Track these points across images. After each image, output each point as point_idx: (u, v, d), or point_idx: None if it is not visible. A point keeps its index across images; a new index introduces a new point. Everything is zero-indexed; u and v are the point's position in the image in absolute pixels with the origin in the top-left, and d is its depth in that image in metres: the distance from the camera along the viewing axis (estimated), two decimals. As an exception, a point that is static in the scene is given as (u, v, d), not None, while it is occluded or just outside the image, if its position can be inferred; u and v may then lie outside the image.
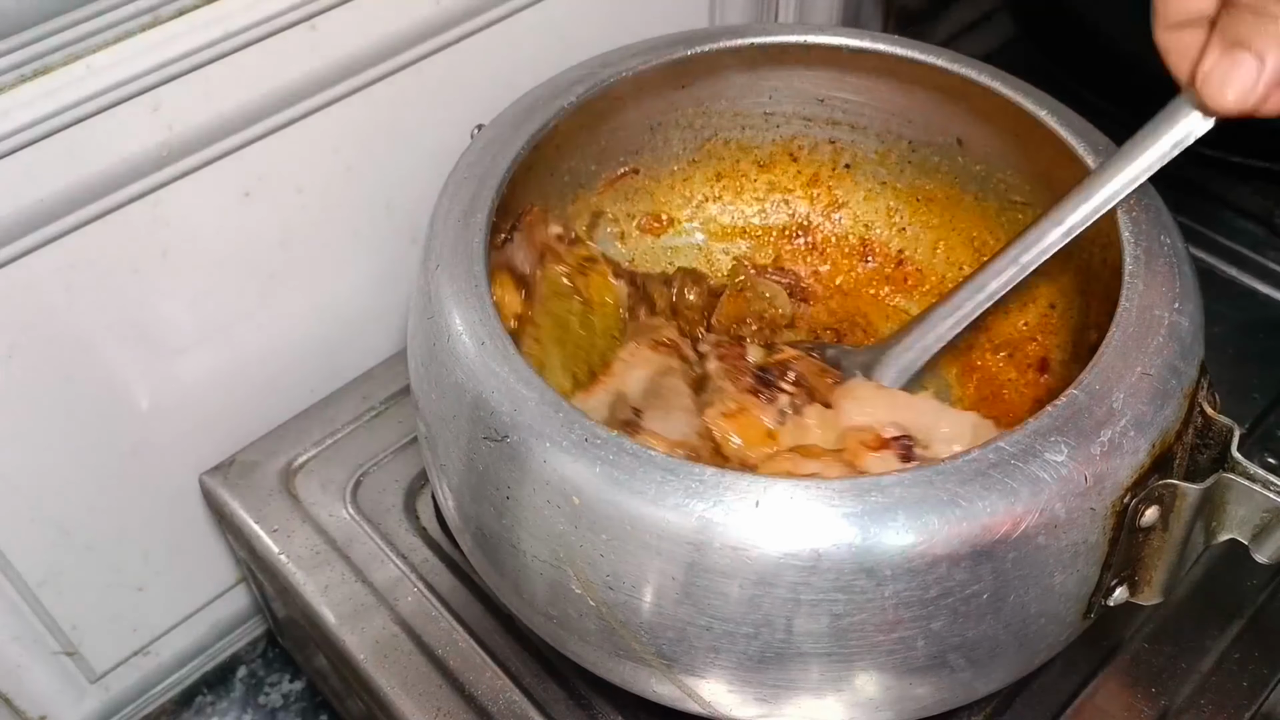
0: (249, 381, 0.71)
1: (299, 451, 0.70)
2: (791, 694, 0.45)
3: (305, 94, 0.63)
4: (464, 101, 0.70)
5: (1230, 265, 0.77)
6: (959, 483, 0.41)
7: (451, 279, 0.49)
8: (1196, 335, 0.48)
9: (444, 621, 0.61)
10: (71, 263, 0.58)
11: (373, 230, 0.72)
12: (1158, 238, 0.50)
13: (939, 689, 0.46)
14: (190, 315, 0.66)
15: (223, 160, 0.61)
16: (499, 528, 0.47)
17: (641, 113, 0.66)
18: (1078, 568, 0.44)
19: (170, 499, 0.71)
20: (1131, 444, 0.43)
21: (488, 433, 0.45)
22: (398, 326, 0.77)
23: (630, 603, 0.44)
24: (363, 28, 0.63)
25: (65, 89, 0.53)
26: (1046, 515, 0.42)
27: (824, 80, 0.66)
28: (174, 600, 0.76)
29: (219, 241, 0.64)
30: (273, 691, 0.81)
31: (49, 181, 0.55)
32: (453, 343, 0.47)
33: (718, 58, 0.63)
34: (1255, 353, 0.72)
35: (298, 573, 0.63)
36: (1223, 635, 0.59)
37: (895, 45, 0.61)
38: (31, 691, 0.70)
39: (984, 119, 0.62)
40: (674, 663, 0.45)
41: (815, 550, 0.41)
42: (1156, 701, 0.56)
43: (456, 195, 0.53)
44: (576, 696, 0.57)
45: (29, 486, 0.63)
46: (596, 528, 0.43)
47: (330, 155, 0.66)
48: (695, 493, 0.41)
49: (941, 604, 0.42)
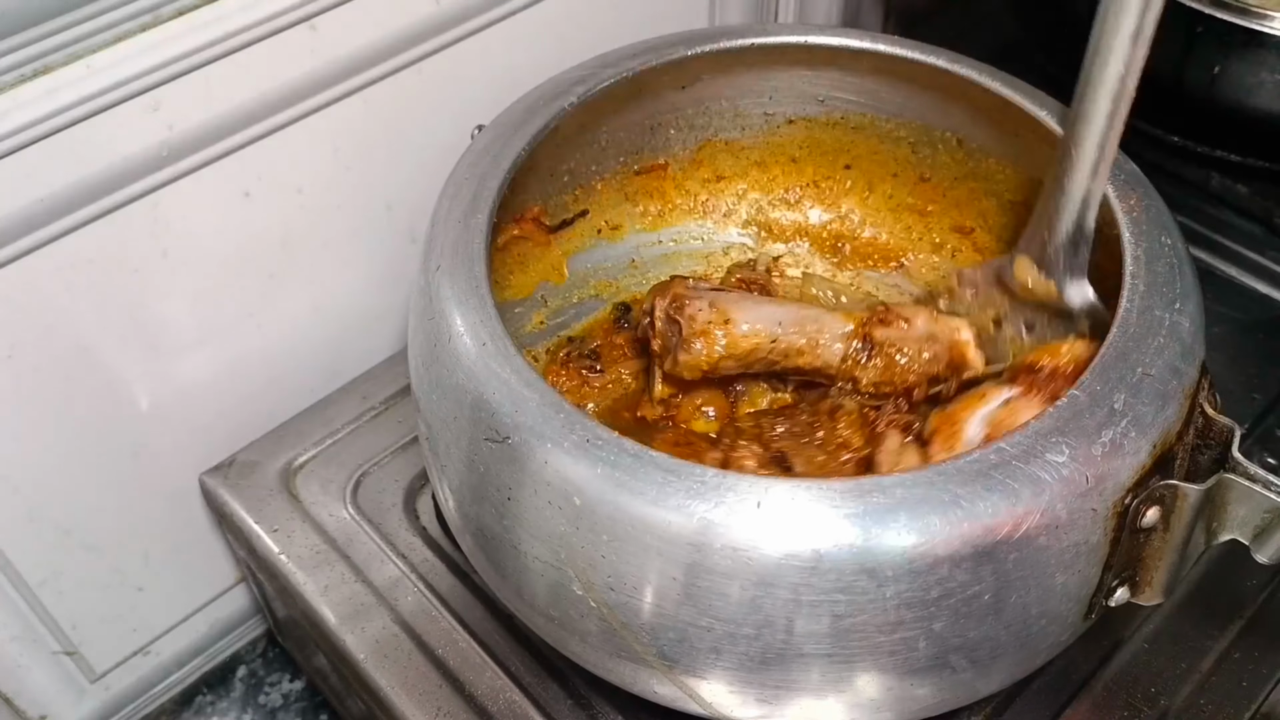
0: (249, 381, 0.71)
1: (299, 451, 0.69)
2: (793, 695, 0.45)
3: (305, 94, 0.63)
4: (464, 101, 0.70)
5: (1230, 265, 0.77)
6: (960, 483, 0.41)
7: (452, 280, 0.49)
8: (1197, 336, 0.48)
9: (444, 621, 0.61)
10: (71, 263, 0.58)
11: (373, 230, 0.72)
12: (1158, 238, 0.50)
13: (940, 689, 0.46)
14: (190, 315, 0.66)
15: (223, 160, 0.61)
16: (500, 529, 0.47)
17: (641, 113, 0.66)
18: (1079, 568, 0.44)
19: (170, 499, 0.71)
20: (1133, 444, 0.43)
21: (489, 434, 0.45)
22: (398, 326, 0.77)
23: (631, 604, 0.44)
24: (363, 28, 0.63)
25: (65, 89, 0.53)
26: (1048, 516, 0.42)
27: (824, 81, 0.66)
28: (174, 600, 0.76)
29: (219, 241, 0.64)
30: (273, 691, 0.81)
31: (49, 181, 0.55)
32: (454, 344, 0.47)
33: (717, 58, 0.63)
34: (1255, 353, 0.72)
35: (298, 573, 0.63)
36: (1223, 635, 0.59)
37: (895, 45, 0.61)
38: (32, 691, 0.70)
39: (984, 119, 0.62)
40: (675, 664, 0.45)
41: (816, 551, 0.41)
42: (1156, 701, 0.56)
43: (457, 196, 0.53)
44: (576, 696, 0.57)
45: (29, 486, 0.63)
46: (598, 529, 0.43)
47: (330, 155, 0.66)
48: (696, 494, 0.41)
49: (943, 605, 0.42)
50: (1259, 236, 0.78)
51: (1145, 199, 0.52)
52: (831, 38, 0.63)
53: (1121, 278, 0.49)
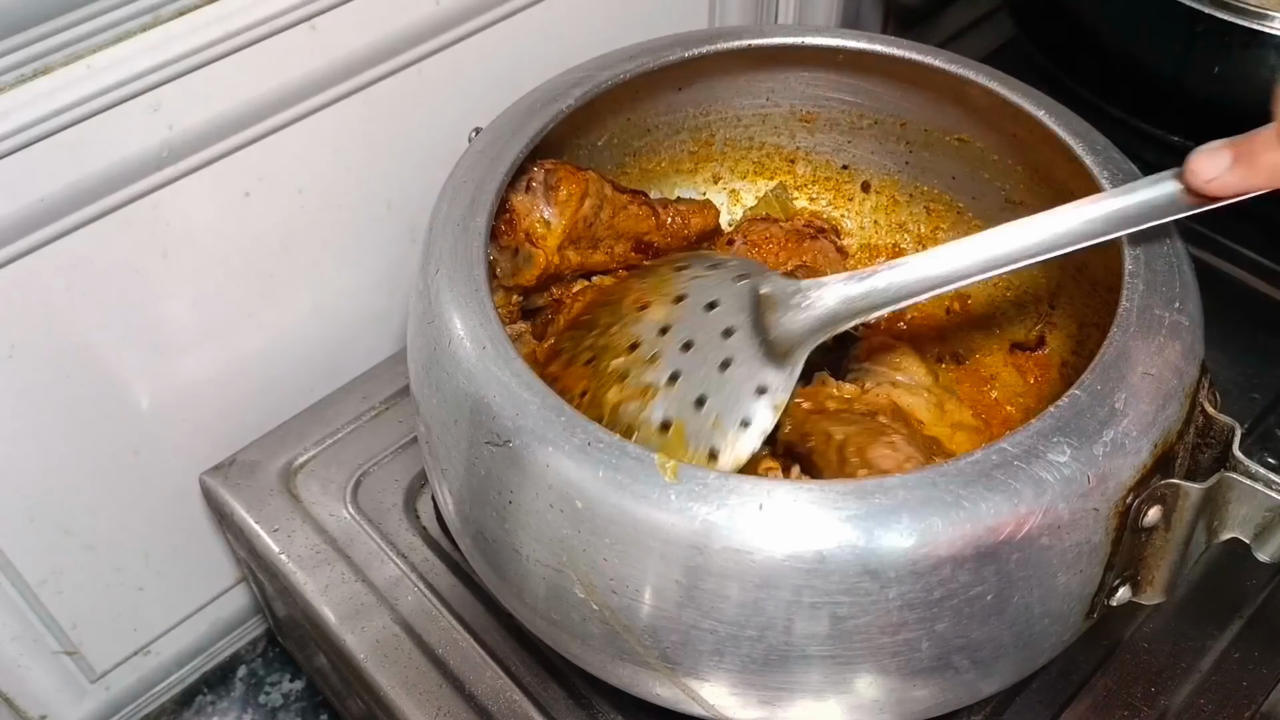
0: (249, 381, 0.71)
1: (299, 451, 0.69)
2: (794, 696, 0.45)
3: (305, 94, 0.63)
4: (463, 101, 0.70)
5: (1230, 265, 0.77)
6: (962, 484, 0.41)
7: (451, 283, 0.49)
8: (1197, 335, 0.48)
9: (444, 621, 0.61)
10: (71, 263, 0.58)
11: (373, 230, 0.72)
12: (1158, 237, 0.50)
13: (942, 690, 0.46)
14: (190, 315, 0.65)
15: (223, 160, 0.61)
16: (501, 532, 0.47)
17: (640, 115, 0.66)
18: (1081, 568, 0.44)
19: (170, 499, 0.71)
20: (1134, 444, 0.43)
21: (489, 437, 0.45)
22: (398, 326, 0.77)
23: (633, 606, 0.44)
24: (363, 28, 0.63)
25: (65, 89, 0.53)
26: (1050, 516, 0.42)
27: (823, 81, 0.66)
28: (174, 600, 0.76)
29: (219, 242, 0.64)
30: (273, 691, 0.81)
31: (49, 181, 0.55)
32: (453, 347, 0.47)
33: (716, 60, 0.63)
34: (1255, 353, 0.72)
35: (298, 572, 0.63)
36: (1223, 635, 0.59)
37: (895, 46, 0.61)
38: (32, 691, 0.70)
39: (984, 119, 0.62)
40: (677, 666, 0.45)
41: (819, 552, 0.41)
42: (1156, 701, 0.56)
43: (455, 199, 0.53)
44: (577, 696, 0.57)
45: (29, 486, 0.63)
46: (599, 532, 0.43)
47: (330, 155, 0.66)
48: (698, 496, 0.41)
49: (945, 605, 0.42)
50: (1259, 236, 0.78)
51: (1146, 199, 0.52)
52: (831, 39, 0.63)
53: (1121, 277, 0.49)
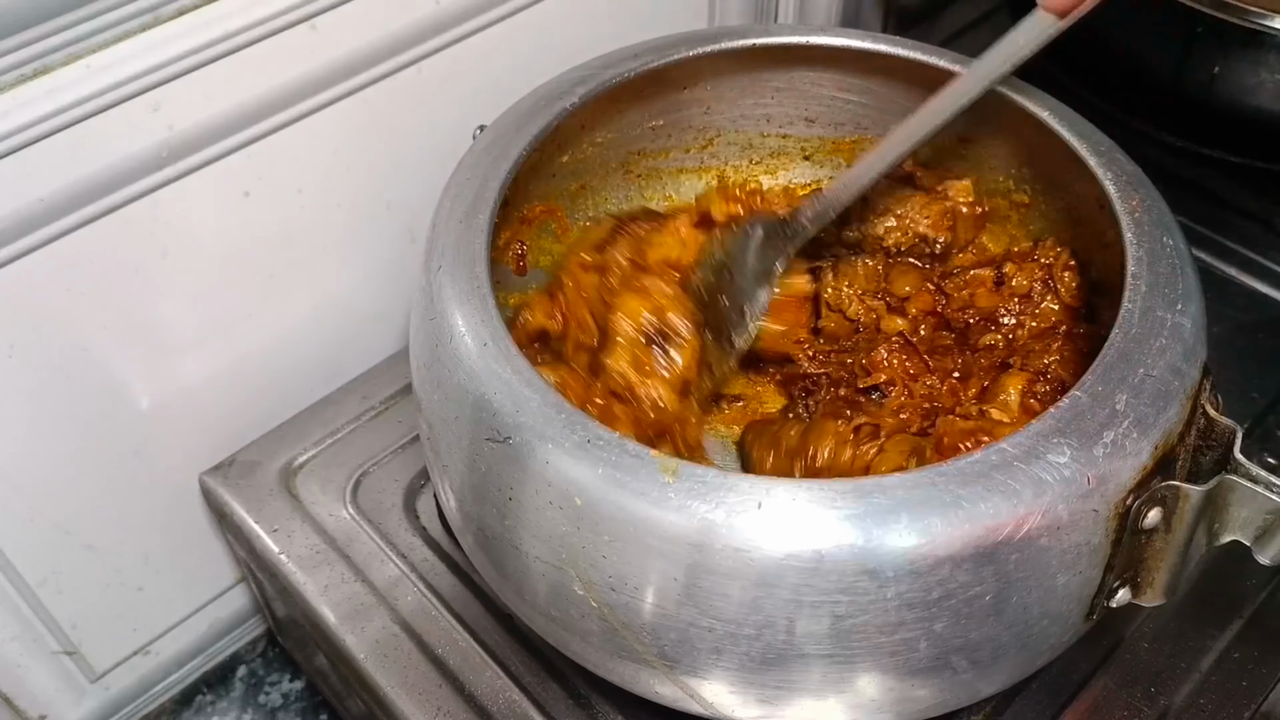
0: (249, 381, 0.71)
1: (299, 451, 0.69)
2: (793, 695, 0.45)
3: (305, 94, 0.63)
4: (464, 102, 0.70)
5: (1230, 265, 0.77)
6: (961, 484, 0.41)
7: (454, 280, 0.49)
8: (1199, 337, 0.48)
9: (444, 621, 0.61)
10: (71, 263, 0.58)
11: (372, 230, 0.72)
12: (1160, 239, 0.50)
13: (941, 690, 0.46)
14: (190, 315, 0.65)
15: (223, 160, 0.61)
16: (501, 529, 0.47)
17: (643, 114, 0.66)
18: (1080, 569, 0.44)
19: (170, 499, 0.71)
20: (1134, 445, 0.43)
21: (490, 434, 0.45)
22: (398, 326, 0.77)
23: (633, 604, 0.44)
24: (362, 28, 0.63)
25: (65, 89, 0.53)
26: (1049, 517, 0.42)
27: (824, 81, 0.66)
28: (174, 600, 0.76)
29: (219, 241, 0.64)
30: (273, 691, 0.81)
31: (49, 181, 0.55)
32: (455, 344, 0.47)
33: (718, 59, 0.63)
34: (1255, 353, 0.72)
35: (298, 572, 0.63)
36: (1223, 635, 0.59)
37: (895, 45, 0.61)
38: (32, 691, 0.70)
39: (984, 119, 0.62)
40: (676, 664, 0.45)
41: (818, 551, 0.41)
42: (1156, 701, 0.56)
43: (458, 197, 0.53)
44: (576, 696, 0.57)
45: (29, 486, 0.63)
46: (599, 529, 0.43)
47: (330, 155, 0.66)
48: (698, 494, 0.41)
49: (944, 605, 0.42)
50: (1259, 236, 0.78)
51: (1147, 200, 0.52)
52: (831, 38, 0.63)
53: (1123, 278, 0.49)
